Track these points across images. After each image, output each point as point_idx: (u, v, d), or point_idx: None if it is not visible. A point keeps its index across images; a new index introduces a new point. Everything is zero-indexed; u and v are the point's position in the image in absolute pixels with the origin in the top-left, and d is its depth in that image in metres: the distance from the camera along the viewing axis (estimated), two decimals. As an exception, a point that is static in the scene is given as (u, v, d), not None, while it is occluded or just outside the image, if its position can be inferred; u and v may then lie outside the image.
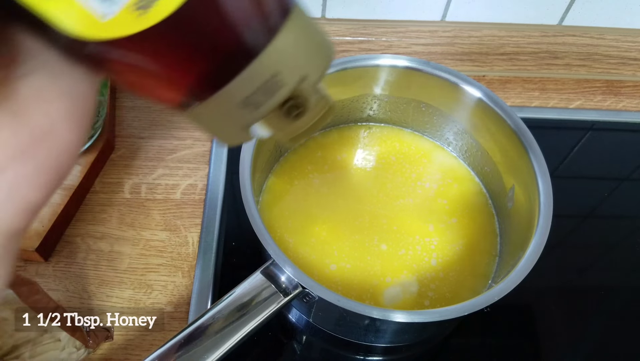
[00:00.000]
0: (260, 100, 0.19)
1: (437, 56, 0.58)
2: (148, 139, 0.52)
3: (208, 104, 0.18)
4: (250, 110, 0.19)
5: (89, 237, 0.45)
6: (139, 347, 0.40)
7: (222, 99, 0.18)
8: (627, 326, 0.44)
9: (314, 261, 0.41)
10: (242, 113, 0.19)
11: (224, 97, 0.18)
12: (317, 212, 0.44)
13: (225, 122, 0.20)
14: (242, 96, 0.18)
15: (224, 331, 0.32)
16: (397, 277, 0.41)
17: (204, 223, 0.46)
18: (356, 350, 0.41)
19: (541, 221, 0.36)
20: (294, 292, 0.33)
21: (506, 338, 0.43)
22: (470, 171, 0.48)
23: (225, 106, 0.19)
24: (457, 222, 0.44)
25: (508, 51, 0.59)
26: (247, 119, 0.19)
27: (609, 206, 0.50)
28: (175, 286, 0.43)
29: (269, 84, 0.18)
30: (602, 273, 0.47)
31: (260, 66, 0.18)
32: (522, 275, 0.33)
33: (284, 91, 0.19)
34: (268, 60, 0.18)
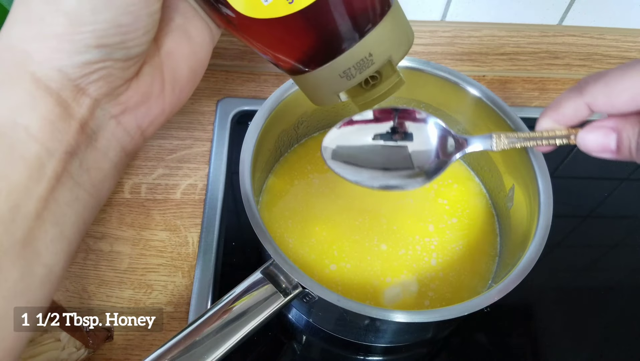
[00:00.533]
0: (354, 73, 0.24)
1: (437, 56, 0.58)
2: (148, 139, 0.52)
3: (317, 72, 0.24)
4: (345, 80, 0.24)
5: (89, 237, 0.45)
6: (139, 347, 0.40)
7: (328, 69, 0.24)
8: (627, 326, 0.44)
9: (314, 261, 0.41)
10: (338, 81, 0.24)
11: (330, 68, 0.24)
12: (317, 212, 0.44)
13: (323, 87, 0.25)
14: (343, 69, 0.24)
15: (224, 331, 0.32)
16: (397, 277, 0.41)
17: (204, 223, 0.46)
18: (356, 350, 0.41)
19: (541, 221, 0.36)
20: (294, 292, 0.33)
21: (506, 338, 0.43)
22: (470, 171, 0.48)
23: (328, 75, 0.24)
24: (457, 222, 0.44)
25: (508, 51, 0.59)
26: (340, 87, 0.25)
27: (609, 206, 0.50)
28: (175, 286, 0.43)
29: (364, 61, 0.24)
30: (602, 273, 0.47)
31: (361, 47, 0.23)
32: (522, 275, 0.33)
33: (374, 68, 0.24)
34: (367, 43, 0.23)
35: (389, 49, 0.24)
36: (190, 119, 0.53)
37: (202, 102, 0.55)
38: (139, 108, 0.23)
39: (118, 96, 0.22)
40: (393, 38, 0.24)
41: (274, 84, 0.57)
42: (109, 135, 0.23)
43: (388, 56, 0.24)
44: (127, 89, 0.22)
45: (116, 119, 0.23)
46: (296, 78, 0.26)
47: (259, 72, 0.58)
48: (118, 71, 0.21)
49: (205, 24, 0.24)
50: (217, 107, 0.54)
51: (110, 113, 0.22)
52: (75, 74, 0.20)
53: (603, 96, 0.26)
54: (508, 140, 0.31)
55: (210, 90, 0.56)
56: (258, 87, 0.57)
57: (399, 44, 0.25)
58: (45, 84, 0.20)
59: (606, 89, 0.26)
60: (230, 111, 0.54)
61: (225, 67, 0.57)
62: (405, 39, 0.25)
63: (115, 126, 0.23)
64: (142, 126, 0.24)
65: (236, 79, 0.57)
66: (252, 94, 0.56)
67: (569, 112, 0.28)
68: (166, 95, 0.24)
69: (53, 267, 0.21)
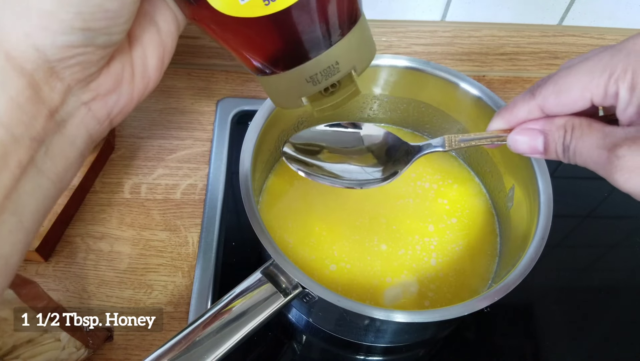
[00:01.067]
0: (320, 79, 0.25)
1: (437, 56, 0.58)
2: (148, 139, 0.52)
3: (284, 75, 0.25)
4: (310, 85, 0.25)
5: (89, 237, 0.45)
6: (139, 347, 0.40)
7: (296, 73, 0.25)
8: (627, 326, 0.44)
9: (313, 261, 0.41)
10: (304, 86, 0.25)
11: (298, 72, 0.25)
12: (317, 212, 0.44)
13: (289, 90, 0.26)
14: (310, 74, 0.25)
15: (224, 331, 0.32)
16: (397, 277, 0.41)
17: (204, 223, 0.46)
18: (356, 350, 0.41)
19: (541, 221, 0.36)
20: (294, 292, 0.33)
21: (506, 338, 0.43)
22: (470, 171, 0.48)
23: (295, 79, 0.25)
24: (457, 222, 0.44)
25: (508, 51, 0.59)
26: (305, 91, 0.26)
27: (609, 206, 0.50)
28: (175, 286, 0.43)
29: (330, 68, 0.25)
30: (602, 273, 0.47)
31: (329, 55, 0.24)
32: (522, 275, 0.33)
33: (339, 75, 0.25)
34: (335, 52, 0.25)
35: (354, 60, 0.26)
36: (190, 119, 0.54)
37: (202, 102, 0.55)
38: (109, 95, 0.23)
39: (90, 83, 0.22)
40: (359, 49, 0.26)
41: (274, 84, 0.57)
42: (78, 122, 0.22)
43: (352, 66, 0.26)
44: (99, 76, 0.22)
45: (86, 106, 0.22)
46: (262, 79, 0.26)
47: (259, 72, 0.58)
48: (95, 57, 0.21)
49: (172, 14, 0.24)
50: (217, 107, 0.54)
51: (81, 100, 0.22)
52: (53, 56, 0.19)
53: (553, 96, 0.26)
54: (458, 140, 0.33)
55: (210, 90, 0.56)
56: (258, 87, 0.57)
57: (364, 55, 0.26)
58: (19, 64, 0.19)
59: (555, 89, 0.26)
60: (230, 111, 0.54)
61: (225, 67, 0.57)
62: (369, 51, 0.27)
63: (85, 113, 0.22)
64: (111, 114, 0.24)
65: (236, 79, 0.57)
66: (252, 94, 0.56)
67: (522, 114, 0.28)
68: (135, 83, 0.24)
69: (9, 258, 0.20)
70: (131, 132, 0.52)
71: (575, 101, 0.25)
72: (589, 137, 0.25)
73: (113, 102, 0.23)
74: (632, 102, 0.24)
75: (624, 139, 0.24)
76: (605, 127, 0.25)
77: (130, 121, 0.53)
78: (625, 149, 0.23)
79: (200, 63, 0.57)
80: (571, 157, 0.27)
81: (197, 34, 0.55)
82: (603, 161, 0.24)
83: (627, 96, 0.24)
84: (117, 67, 0.23)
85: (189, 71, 0.57)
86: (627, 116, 0.24)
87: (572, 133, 0.26)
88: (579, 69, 0.25)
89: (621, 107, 0.24)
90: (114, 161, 0.50)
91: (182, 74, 0.57)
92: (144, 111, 0.54)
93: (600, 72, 0.24)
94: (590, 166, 0.25)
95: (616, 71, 0.24)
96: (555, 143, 0.27)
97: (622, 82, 0.24)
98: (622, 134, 0.24)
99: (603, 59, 0.25)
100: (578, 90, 0.25)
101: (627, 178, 0.24)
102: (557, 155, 0.27)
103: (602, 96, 0.25)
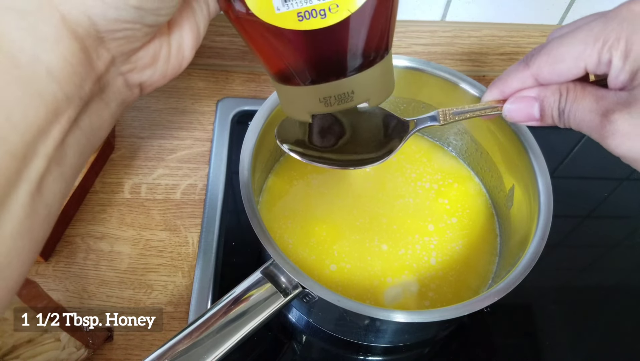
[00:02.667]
0: (332, 102, 0.26)
1: (437, 56, 0.58)
2: (148, 139, 0.52)
3: (299, 89, 0.26)
4: (322, 105, 0.26)
5: (89, 237, 0.45)
6: (139, 347, 0.40)
7: (312, 91, 0.25)
8: (627, 326, 0.44)
9: (314, 261, 0.41)
10: (316, 104, 0.26)
11: (314, 91, 0.25)
12: (317, 212, 0.44)
13: (300, 104, 0.26)
14: (324, 95, 0.25)
15: (224, 331, 0.32)
16: (397, 277, 0.41)
17: (204, 223, 0.46)
18: (356, 350, 0.41)
19: (541, 221, 0.36)
20: (294, 292, 0.33)
21: (506, 338, 0.43)
22: (470, 171, 0.48)
23: (310, 96, 0.26)
24: (457, 222, 0.44)
25: (508, 51, 0.59)
26: (315, 109, 0.26)
27: (609, 206, 0.50)
28: (175, 286, 0.43)
29: (345, 95, 0.25)
30: (602, 273, 0.47)
31: (349, 83, 0.25)
32: (522, 275, 0.33)
33: (351, 104, 0.26)
34: (355, 81, 0.25)
35: (370, 93, 0.26)
36: (190, 119, 0.54)
37: (202, 102, 0.55)
38: (145, 70, 0.24)
39: (130, 56, 0.23)
40: (378, 85, 0.26)
41: (274, 84, 0.57)
42: (115, 89, 0.24)
43: (366, 98, 0.26)
44: (139, 51, 0.23)
45: (124, 77, 0.24)
46: (279, 86, 0.27)
47: (259, 72, 0.58)
48: (141, 33, 0.22)
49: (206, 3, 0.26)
50: (217, 107, 0.54)
51: (120, 70, 0.23)
52: (103, 27, 0.21)
53: (547, 65, 0.27)
54: (452, 113, 0.33)
55: (210, 90, 0.56)
56: (258, 87, 0.57)
57: (381, 91, 0.27)
58: (73, 28, 0.20)
59: (549, 59, 0.27)
60: (230, 111, 0.54)
61: (225, 67, 0.57)
62: (387, 88, 0.27)
63: (122, 82, 0.24)
64: (144, 85, 0.25)
65: (236, 79, 0.57)
66: (252, 94, 0.56)
67: (515, 84, 0.29)
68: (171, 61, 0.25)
69: (51, 207, 0.21)
70: (131, 132, 0.52)
71: (569, 69, 0.26)
72: (582, 100, 0.26)
73: (148, 76, 0.25)
74: (624, 69, 0.24)
75: (616, 104, 0.24)
76: (598, 91, 0.26)
77: (130, 121, 0.53)
78: (617, 114, 0.24)
79: (200, 63, 0.57)
80: (566, 121, 0.27)
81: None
82: (596, 125, 0.25)
83: (620, 63, 0.24)
84: (156, 45, 0.24)
85: (189, 71, 0.57)
86: (620, 81, 0.25)
87: (567, 96, 0.27)
88: (572, 39, 0.26)
89: (613, 74, 0.25)
90: (114, 161, 0.50)
91: (182, 74, 0.56)
92: (144, 111, 0.54)
93: (594, 41, 0.25)
94: (583, 129, 0.26)
95: (609, 39, 0.24)
96: (551, 108, 0.28)
97: (616, 50, 0.24)
98: (615, 99, 0.25)
99: (596, 27, 0.25)
100: (572, 59, 0.26)
101: (619, 143, 0.24)
102: (552, 120, 0.28)
103: (595, 64, 0.25)
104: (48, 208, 0.21)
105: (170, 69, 0.26)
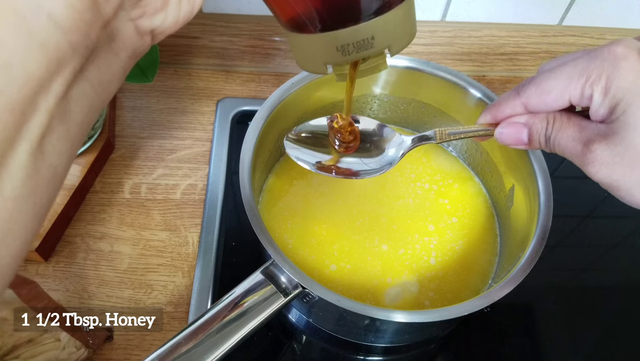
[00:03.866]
0: (351, 50, 0.24)
1: (437, 56, 0.58)
2: (148, 139, 0.52)
3: (315, 37, 0.24)
4: (339, 54, 0.24)
5: (89, 237, 0.45)
6: (139, 347, 0.40)
7: (329, 38, 0.23)
8: (627, 326, 0.44)
9: (313, 261, 0.41)
10: (333, 53, 0.24)
11: (331, 38, 0.23)
12: (317, 212, 0.44)
13: (317, 54, 0.24)
14: (342, 42, 0.23)
15: (224, 331, 0.32)
16: (397, 277, 0.41)
17: (204, 223, 0.46)
18: (356, 350, 0.41)
19: (541, 221, 0.36)
20: (294, 292, 0.33)
21: (506, 338, 0.43)
22: (470, 171, 0.48)
23: (326, 44, 0.24)
24: (457, 221, 0.44)
25: (508, 51, 0.59)
26: (333, 59, 0.24)
27: (609, 206, 0.50)
28: (175, 286, 0.43)
29: (364, 42, 0.23)
30: (602, 273, 0.47)
31: (367, 28, 0.23)
32: (522, 275, 0.33)
33: (371, 52, 0.24)
34: (374, 26, 0.23)
35: (391, 39, 0.24)
36: (190, 119, 0.54)
37: (202, 102, 0.55)
38: (156, 15, 0.23)
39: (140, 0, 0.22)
40: (399, 29, 0.24)
41: (274, 84, 0.57)
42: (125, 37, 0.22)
43: (388, 45, 0.24)
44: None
45: (134, 23, 0.22)
46: (292, 36, 0.25)
47: (259, 72, 0.58)
48: None
49: None
50: (217, 107, 0.54)
51: (130, 15, 0.22)
52: None
53: (535, 96, 0.29)
54: (448, 133, 0.34)
55: (210, 90, 0.56)
56: (258, 87, 0.57)
57: (402, 36, 0.25)
58: None
59: (537, 90, 0.29)
60: (230, 111, 0.54)
61: (225, 67, 0.57)
62: (409, 33, 0.25)
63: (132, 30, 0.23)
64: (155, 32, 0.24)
65: (236, 79, 0.57)
66: (252, 94, 0.56)
67: (507, 111, 0.31)
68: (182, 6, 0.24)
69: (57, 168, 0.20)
70: (131, 132, 0.52)
71: (555, 100, 0.29)
72: (567, 129, 0.29)
73: (159, 22, 0.24)
74: (603, 104, 0.27)
75: (596, 135, 0.27)
76: (582, 121, 0.28)
77: (130, 121, 0.53)
78: (597, 144, 0.27)
79: (200, 63, 0.57)
80: (551, 147, 0.30)
81: (197, 34, 0.55)
82: (578, 152, 0.28)
83: (600, 98, 0.27)
84: None
85: (189, 71, 0.57)
86: (600, 115, 0.27)
87: (554, 125, 0.29)
88: (559, 73, 0.28)
89: (594, 107, 0.27)
90: (114, 161, 0.50)
91: (182, 74, 0.57)
92: (144, 111, 0.54)
93: (578, 77, 0.27)
94: (567, 155, 0.29)
95: (592, 75, 0.27)
96: (539, 134, 0.30)
97: (597, 86, 0.27)
98: (595, 130, 0.27)
99: (580, 64, 0.27)
100: (558, 92, 0.28)
101: (597, 170, 0.27)
102: (540, 145, 0.30)
103: (578, 97, 0.28)
104: (52, 170, 0.20)
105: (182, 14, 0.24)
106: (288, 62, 0.58)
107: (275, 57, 0.57)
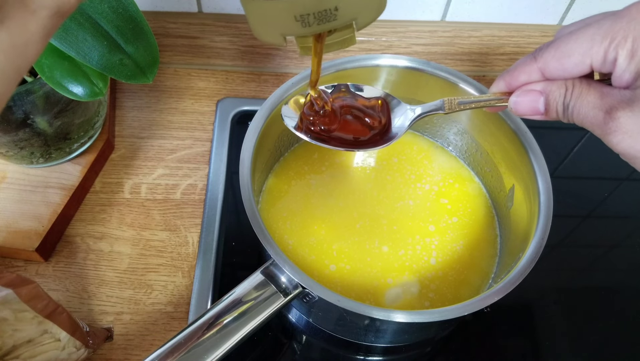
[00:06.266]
0: (311, 22, 0.21)
1: (437, 56, 0.58)
2: (148, 139, 0.52)
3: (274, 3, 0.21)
4: (299, 25, 0.22)
5: (89, 237, 0.45)
6: (139, 347, 0.40)
7: (286, 5, 0.21)
8: (627, 326, 0.44)
9: (313, 262, 0.41)
10: (291, 24, 0.22)
11: (287, 5, 0.21)
12: (317, 213, 0.44)
13: (272, 23, 0.22)
14: (301, 12, 0.21)
15: (224, 331, 0.32)
16: (398, 278, 0.41)
17: (204, 223, 0.46)
18: (356, 350, 0.41)
19: (541, 221, 0.36)
20: (294, 292, 0.33)
21: (506, 338, 0.43)
22: (470, 171, 0.48)
23: (283, 12, 0.21)
24: (458, 222, 0.44)
25: (508, 51, 0.59)
26: (290, 30, 0.22)
27: (609, 206, 0.50)
28: (175, 286, 0.43)
29: (327, 13, 0.21)
30: (602, 273, 0.47)
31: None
32: (522, 275, 0.33)
33: (333, 25, 0.22)
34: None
35: (357, 11, 0.22)
36: (190, 119, 0.54)
37: (202, 102, 0.55)
38: None
39: None
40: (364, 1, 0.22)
41: (274, 84, 0.57)
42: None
43: (353, 18, 0.22)
44: None
45: None
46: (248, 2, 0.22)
47: (259, 72, 0.58)
48: None
49: None
50: (217, 107, 0.54)
51: None
52: None
53: (554, 60, 0.27)
54: (457, 102, 0.32)
55: (210, 90, 0.56)
56: (258, 87, 0.57)
57: (370, 8, 0.23)
58: None
59: (557, 54, 0.27)
60: (230, 111, 0.54)
61: (225, 67, 0.57)
62: (378, 4, 0.23)
63: None
64: None
65: (236, 79, 0.57)
66: (252, 94, 0.56)
67: (522, 77, 0.29)
68: None
69: None
70: (131, 132, 0.52)
71: (575, 64, 0.26)
72: (587, 96, 0.26)
73: None
74: (628, 69, 0.24)
75: (619, 101, 0.25)
76: (603, 88, 0.26)
77: (130, 121, 0.53)
78: (621, 111, 0.24)
79: (200, 63, 0.57)
80: (570, 116, 0.27)
81: (197, 34, 0.55)
82: (599, 121, 0.25)
83: (625, 62, 0.24)
84: None
85: (189, 71, 0.57)
86: (624, 80, 0.25)
87: (573, 92, 0.27)
88: (580, 35, 0.26)
89: (618, 72, 0.25)
90: (114, 161, 0.50)
91: (182, 74, 0.57)
92: (144, 111, 0.54)
93: (601, 39, 0.25)
94: (587, 125, 0.27)
95: (617, 37, 0.24)
96: (556, 102, 0.28)
97: (622, 49, 0.24)
98: (619, 97, 0.25)
99: (604, 25, 0.25)
100: (579, 55, 0.26)
101: (620, 139, 0.25)
102: (557, 114, 0.28)
103: (601, 62, 0.25)
104: None
105: None
106: (288, 62, 0.58)
107: (275, 57, 0.57)
